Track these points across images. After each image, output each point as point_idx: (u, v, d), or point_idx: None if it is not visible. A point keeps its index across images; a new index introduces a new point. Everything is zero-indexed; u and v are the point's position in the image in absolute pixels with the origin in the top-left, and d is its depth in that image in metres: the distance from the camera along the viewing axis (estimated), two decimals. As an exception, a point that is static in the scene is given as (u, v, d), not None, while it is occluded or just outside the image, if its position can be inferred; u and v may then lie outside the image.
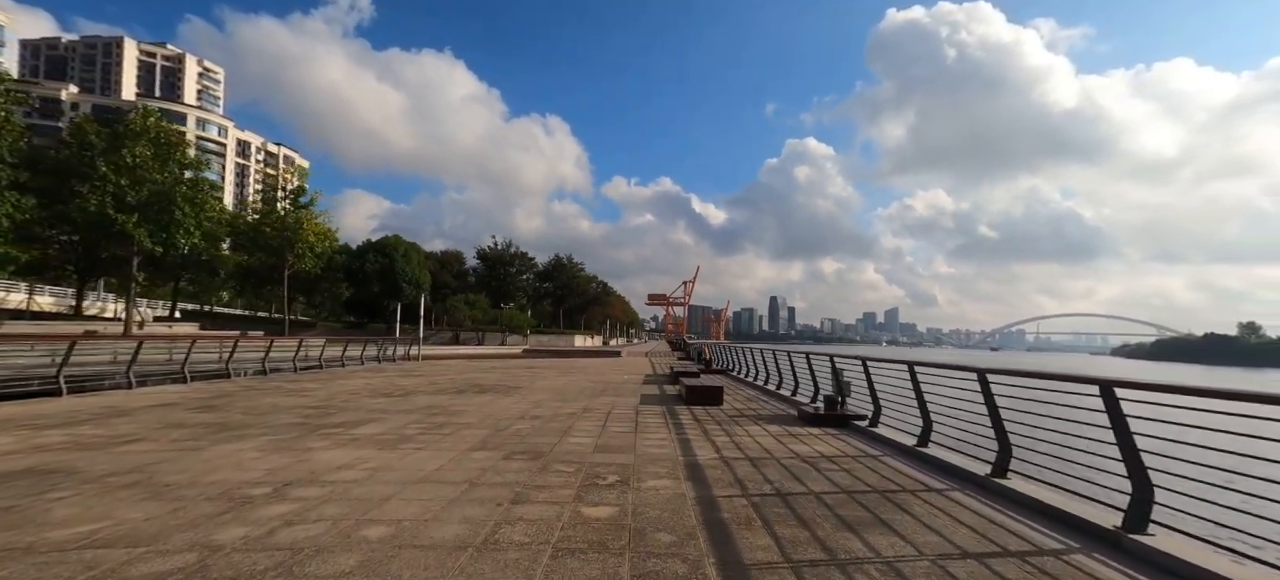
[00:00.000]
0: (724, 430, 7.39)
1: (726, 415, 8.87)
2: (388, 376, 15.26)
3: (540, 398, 10.74)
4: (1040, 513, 4.05)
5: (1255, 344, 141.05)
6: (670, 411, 9.12)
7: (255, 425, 6.99)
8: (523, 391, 11.82)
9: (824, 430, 7.56)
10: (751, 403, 10.64)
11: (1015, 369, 5.07)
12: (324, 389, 11.62)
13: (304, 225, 36.01)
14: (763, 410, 9.60)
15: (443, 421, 7.58)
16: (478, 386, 12.76)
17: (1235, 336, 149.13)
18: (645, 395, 11.55)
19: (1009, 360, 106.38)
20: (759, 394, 12.38)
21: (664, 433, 7.09)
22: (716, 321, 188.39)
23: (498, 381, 14.17)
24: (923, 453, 5.86)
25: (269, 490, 4.13)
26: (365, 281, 44.55)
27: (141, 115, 29.32)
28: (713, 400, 10.17)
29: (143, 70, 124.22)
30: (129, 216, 27.53)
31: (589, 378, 16.14)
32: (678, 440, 6.61)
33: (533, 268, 68.19)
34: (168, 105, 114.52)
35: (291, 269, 36.37)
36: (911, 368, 6.28)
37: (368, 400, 9.83)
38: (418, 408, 8.92)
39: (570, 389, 12.54)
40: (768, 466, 5.33)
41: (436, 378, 15.12)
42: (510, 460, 5.34)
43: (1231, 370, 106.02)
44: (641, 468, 5.16)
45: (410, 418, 7.86)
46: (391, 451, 5.62)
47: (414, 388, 12.22)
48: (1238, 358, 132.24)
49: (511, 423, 7.60)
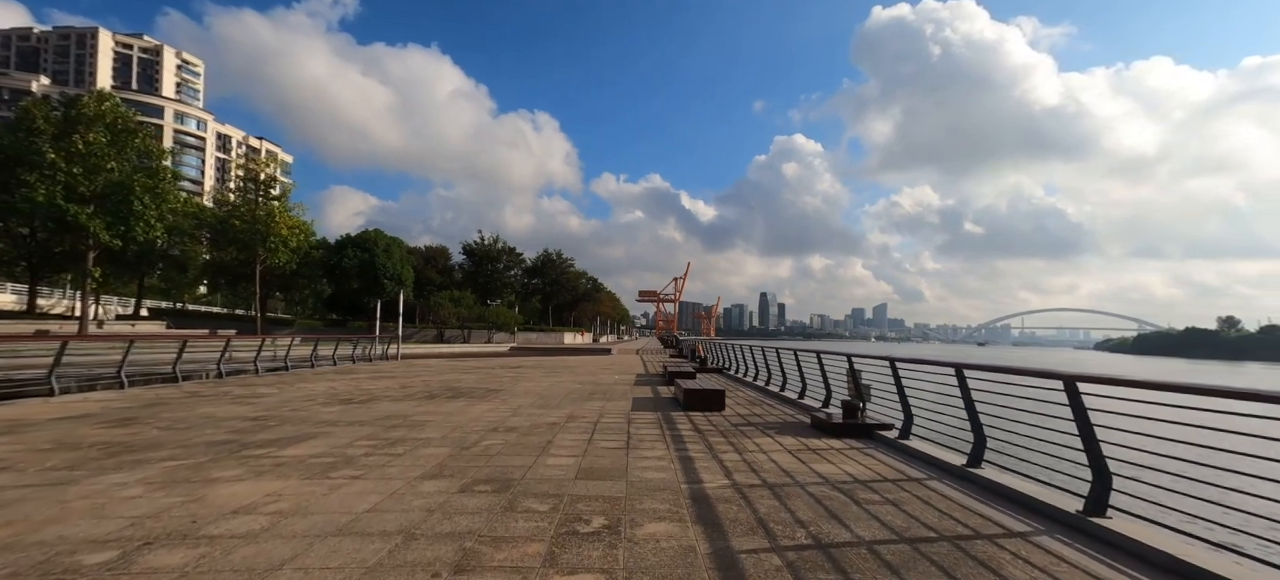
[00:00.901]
0: (731, 444, 6.31)
1: (730, 423, 7.80)
2: (357, 379, 14.00)
3: (520, 403, 9.59)
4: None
5: (1234, 338, 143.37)
6: (666, 419, 8.03)
7: (166, 446, 5.77)
8: (501, 395, 10.67)
9: (845, 443, 6.51)
10: (755, 408, 9.59)
11: (1107, 376, 4.05)
12: (278, 395, 10.37)
13: (276, 218, 34.32)
14: (770, 417, 8.55)
15: (399, 436, 6.41)
16: (452, 390, 11.58)
17: (1215, 330, 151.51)
18: (638, 399, 10.46)
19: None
20: (761, 396, 11.34)
21: (661, 448, 6.00)
22: (707, 318, 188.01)
23: (476, 384, 12.99)
24: (977, 476, 4.82)
25: (114, 555, 2.96)
26: (344, 278, 42.67)
27: (96, 98, 27.28)
28: (714, 405, 9.10)
29: (119, 62, 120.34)
30: (82, 207, 25.77)
31: (577, 378, 15.02)
32: (678, 458, 5.52)
33: (521, 263, 66.49)
34: (145, 98, 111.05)
35: (264, 264, 34.47)
36: (960, 370, 5.24)
37: (321, 408, 8.62)
38: (375, 418, 7.73)
39: (555, 392, 11.41)
40: (794, 497, 4.26)
41: (410, 380, 13.89)
42: (469, 494, 4.21)
43: (1211, 363, 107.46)
44: (636, 502, 4.06)
45: (362, 431, 6.68)
46: (318, 482, 4.46)
47: (381, 392, 11.00)
48: (1217, 351, 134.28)
49: (481, 437, 6.46)
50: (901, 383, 6.57)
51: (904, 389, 6.55)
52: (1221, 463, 3.18)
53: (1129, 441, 3.75)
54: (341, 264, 42.26)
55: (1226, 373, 77.42)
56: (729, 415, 8.59)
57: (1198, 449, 3.26)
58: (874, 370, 7.75)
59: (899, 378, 6.59)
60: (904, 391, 6.54)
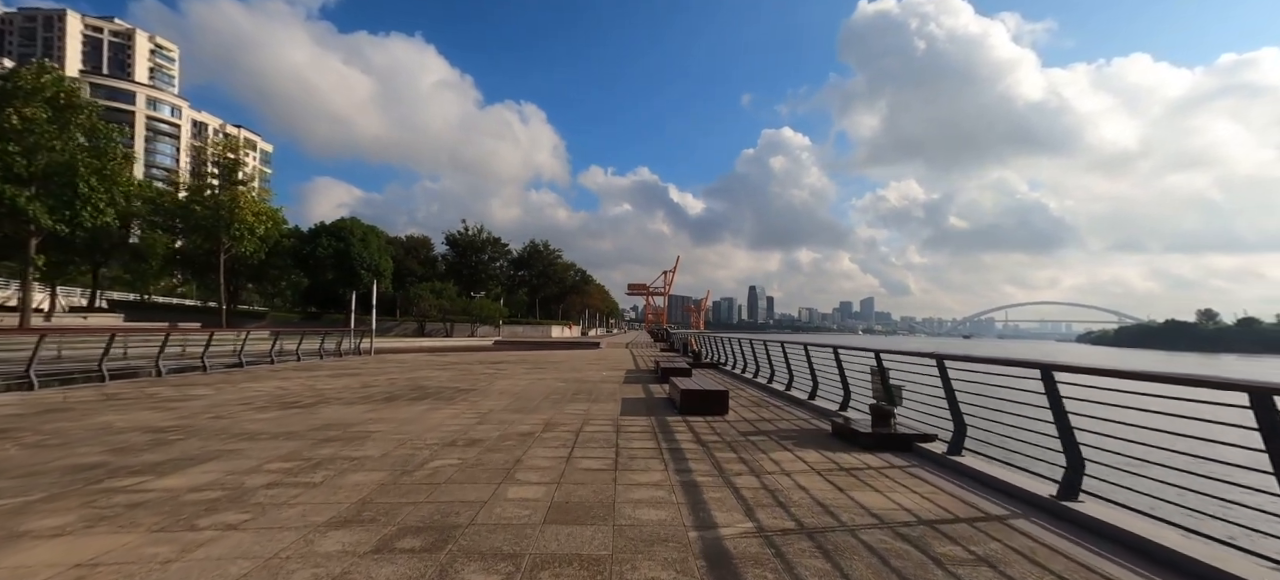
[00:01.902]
0: (743, 461, 5.09)
1: (737, 431, 6.59)
2: (314, 377, 12.58)
3: (492, 406, 8.30)
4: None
5: (1212, 330, 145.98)
6: (662, 426, 6.80)
7: (6, 473, 4.40)
8: (473, 396, 9.36)
9: (882, 459, 5.32)
10: (762, 410, 8.39)
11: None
12: (212, 398, 8.96)
13: (241, 203, 32.12)
14: (782, 422, 7.35)
15: (327, 457, 5.09)
16: (418, 390, 10.24)
17: (1194, 323, 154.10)
18: (627, 400, 9.21)
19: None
20: (765, 396, 10.16)
21: (658, 468, 4.76)
22: (696, 311, 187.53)
23: (448, 382, 11.65)
24: (1080, 514, 3.64)
25: None
26: (318, 268, 40.49)
27: (34, 70, 24.85)
28: (715, 408, 7.88)
29: (88, 46, 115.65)
30: (20, 190, 23.52)
31: (561, 375, 13.74)
32: (680, 485, 4.28)
33: (507, 255, 64.52)
34: (116, 83, 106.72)
35: (228, 253, 32.35)
36: (1047, 372, 4.05)
37: (252, 415, 7.25)
38: (311, 428, 6.39)
39: (534, 392, 10.13)
40: (850, 556, 3.03)
41: (375, 378, 12.51)
42: (384, 556, 2.92)
43: (1189, 355, 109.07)
44: (627, 566, 2.82)
45: (282, 448, 5.34)
46: (170, 539, 3.13)
47: (335, 393, 9.63)
48: (1196, 343, 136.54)
49: (433, 455, 5.16)
50: (951, 385, 5.39)
51: (954, 392, 5.37)
52: (1190, 448, 3.26)
53: (1101, 428, 3.78)
54: (315, 254, 39.95)
55: (1203, 364, 78.42)
56: (734, 420, 7.38)
57: (1165, 435, 3.36)
58: (904, 369, 6.62)
59: (948, 379, 5.41)
60: (954, 395, 5.36)
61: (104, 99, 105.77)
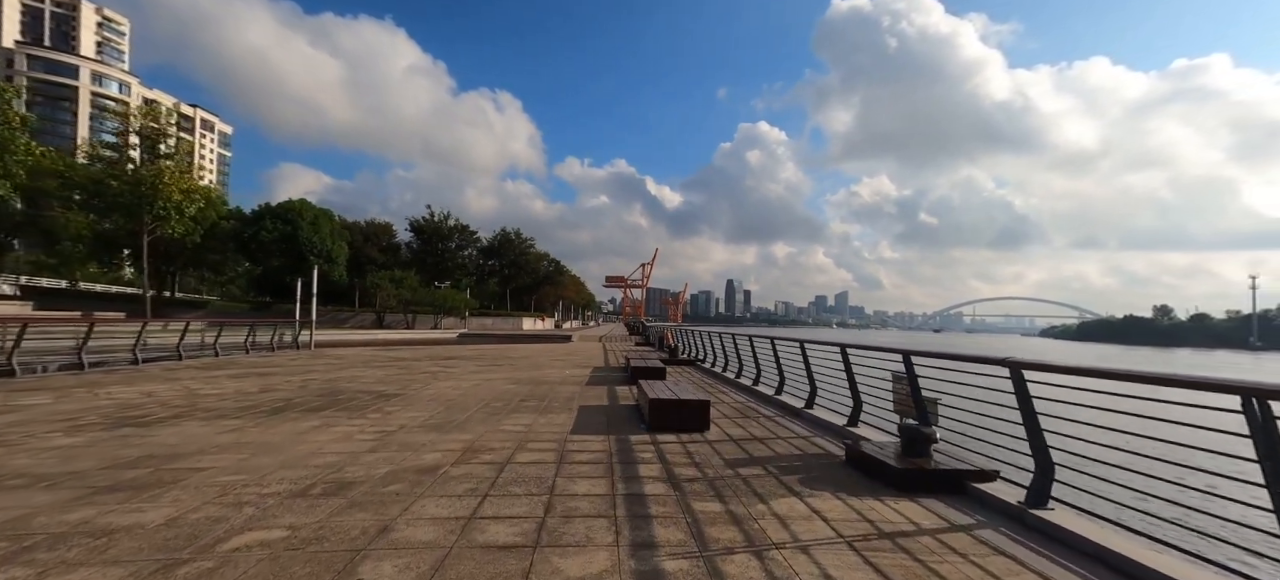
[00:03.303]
0: (735, 520, 3.40)
1: (722, 458, 4.92)
2: (210, 379, 10.46)
3: (407, 420, 6.44)
4: None
5: (1168, 325, 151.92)
6: (623, 453, 5.07)
7: None
8: (392, 405, 7.47)
9: (932, 512, 3.69)
10: (750, 424, 6.74)
11: None
12: (38, 409, 6.87)
13: (164, 179, 28.04)
14: (777, 443, 5.70)
15: (66, 530, 3.19)
16: (328, 396, 8.28)
17: (1151, 318, 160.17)
18: (586, 409, 7.46)
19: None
20: (751, 402, 8.54)
21: (605, 541, 3.03)
22: (675, 304, 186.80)
23: (373, 384, 9.70)
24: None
25: None
26: (261, 253, 37.09)
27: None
28: (694, 424, 6.20)
29: (28, 16, 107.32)
30: (-109, 161, 20.10)
31: (516, 374, 11.90)
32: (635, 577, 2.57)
33: (476, 243, 61.45)
34: (58, 56, 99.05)
35: (152, 234, 28.96)
36: (1257, 400, 2.47)
37: (53, 441, 5.25)
38: (106, 466, 4.45)
39: (473, 398, 8.29)
40: None
41: (286, 379, 10.45)
42: None
43: (1145, 350, 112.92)
44: None
45: (20, 506, 3.43)
46: None
47: (211, 402, 7.61)
48: (1153, 338, 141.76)
49: (248, 521, 3.31)
50: (1030, 404, 3.78)
51: (1035, 413, 3.77)
52: (1158, 452, 3.11)
53: (1071, 430, 3.56)
54: (258, 238, 36.74)
55: (1159, 358, 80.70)
56: (717, 440, 5.71)
57: (1133, 438, 3.21)
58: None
59: (1027, 395, 3.80)
60: (1037, 420, 3.75)
61: (42, 72, 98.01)
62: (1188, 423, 2.94)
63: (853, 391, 6.27)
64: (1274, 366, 64.19)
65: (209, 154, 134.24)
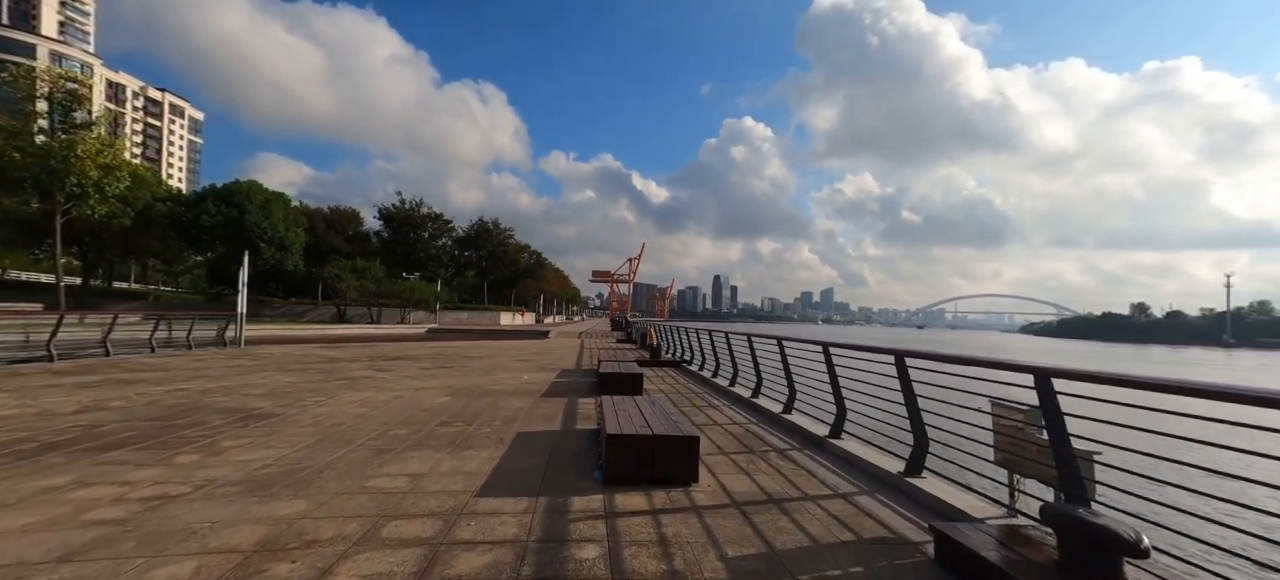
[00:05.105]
0: None
1: (721, 555, 2.75)
2: (53, 387, 8.01)
3: (230, 471, 4.16)
4: None
5: (1144, 323, 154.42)
6: (548, 541, 2.87)
7: None
8: (245, 436, 5.16)
9: None
10: (756, 466, 4.59)
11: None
12: None
13: (77, 152, 24.37)
14: (803, 512, 3.54)
15: None
16: (165, 422, 5.92)
17: (1128, 316, 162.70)
18: (524, 438, 5.24)
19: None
20: (754, 423, 6.40)
21: None
22: (661, 299, 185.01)
23: (258, 398, 7.35)
24: None
25: None
26: (202, 239, 33.65)
27: None
28: (674, 475, 4.03)
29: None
30: None
31: (462, 380, 9.63)
32: None
33: (451, 232, 58.35)
34: (14, 34, 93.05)
35: (66, 216, 25.61)
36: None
37: None
38: None
39: (374, 421, 6.01)
40: None
41: (145, 390, 8.03)
42: None
43: (1122, 346, 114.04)
44: None
45: None
46: None
47: (38, 424, 5.23)
48: (1130, 334, 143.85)
49: None
50: None
51: None
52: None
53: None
54: (198, 222, 33.53)
55: (1130, 355, 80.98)
56: (709, 503, 3.55)
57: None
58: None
59: None
60: None
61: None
62: None
63: (915, 425, 4.15)
64: (1248, 362, 64.79)
65: (179, 140, 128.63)
